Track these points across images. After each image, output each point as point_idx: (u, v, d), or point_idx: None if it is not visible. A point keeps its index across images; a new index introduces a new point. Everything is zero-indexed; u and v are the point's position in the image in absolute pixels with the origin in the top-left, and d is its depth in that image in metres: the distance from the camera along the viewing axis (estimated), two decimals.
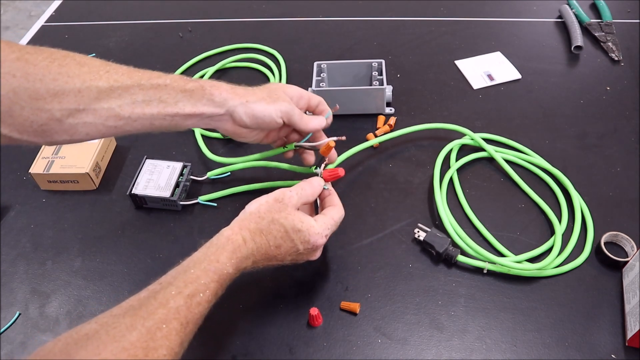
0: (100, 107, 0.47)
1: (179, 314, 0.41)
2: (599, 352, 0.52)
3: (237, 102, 0.52)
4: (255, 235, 0.49)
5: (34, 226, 0.66)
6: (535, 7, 1.04)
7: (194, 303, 0.42)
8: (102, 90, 0.47)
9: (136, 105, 0.49)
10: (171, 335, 0.40)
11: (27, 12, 2.66)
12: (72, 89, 0.45)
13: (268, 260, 0.50)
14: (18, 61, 0.43)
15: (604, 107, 0.80)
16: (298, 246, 0.50)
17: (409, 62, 0.90)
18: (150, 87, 0.49)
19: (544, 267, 0.57)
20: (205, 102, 0.52)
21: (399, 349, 0.53)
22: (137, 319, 0.39)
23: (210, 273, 0.45)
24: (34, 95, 0.44)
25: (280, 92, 0.55)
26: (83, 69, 0.46)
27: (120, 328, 0.38)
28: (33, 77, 0.44)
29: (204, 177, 0.69)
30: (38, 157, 0.69)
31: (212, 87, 0.52)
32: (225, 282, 0.46)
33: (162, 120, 0.51)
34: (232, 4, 1.08)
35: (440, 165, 0.69)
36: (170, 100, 0.50)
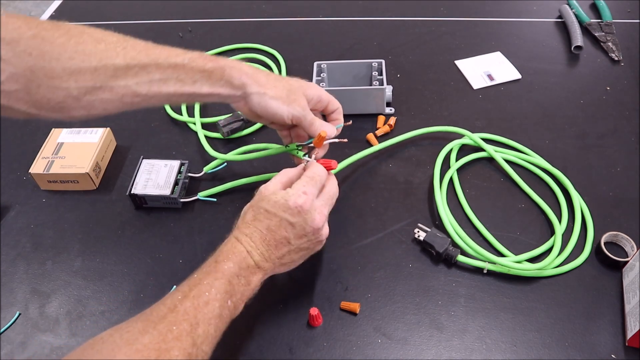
0: (117, 84, 0.47)
1: (187, 315, 0.42)
2: (599, 352, 0.52)
3: (255, 90, 0.52)
4: (246, 230, 0.49)
5: (34, 226, 0.66)
6: (535, 7, 1.04)
7: (201, 303, 0.43)
8: (119, 68, 0.46)
9: (153, 83, 0.48)
10: (182, 336, 0.41)
11: (27, 12, 2.66)
12: (89, 68, 0.45)
13: (276, 248, 0.49)
14: (35, 39, 0.43)
15: (604, 107, 0.80)
16: (286, 218, 0.48)
17: (409, 62, 0.90)
18: (168, 66, 0.49)
19: (544, 267, 0.57)
20: (223, 84, 0.51)
21: (399, 349, 0.53)
22: (149, 323, 0.41)
23: (211, 273, 0.45)
24: (50, 74, 0.44)
25: (300, 94, 0.55)
26: (99, 46, 0.46)
27: (134, 332, 0.40)
28: (49, 55, 0.43)
29: (201, 172, 0.69)
30: (38, 157, 0.69)
31: (231, 68, 0.52)
32: (231, 278, 0.46)
33: (179, 98, 0.51)
34: (232, 4, 1.08)
35: (440, 165, 0.69)
36: (188, 80, 0.50)
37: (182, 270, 0.60)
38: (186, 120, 0.79)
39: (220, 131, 0.75)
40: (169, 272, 0.60)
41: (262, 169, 0.71)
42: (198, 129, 0.76)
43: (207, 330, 0.43)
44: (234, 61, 0.53)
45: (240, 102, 0.54)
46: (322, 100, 0.58)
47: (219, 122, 0.75)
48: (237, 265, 0.47)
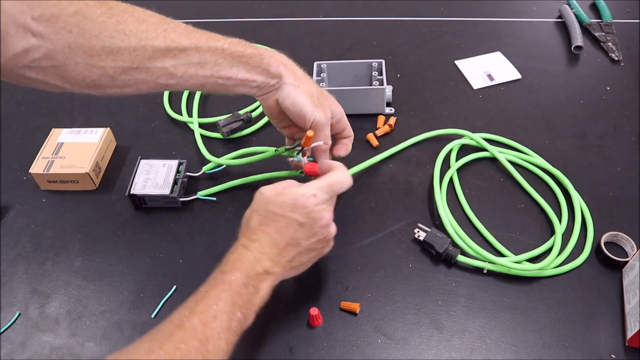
0: (154, 66, 0.46)
1: (195, 331, 0.41)
2: (599, 352, 0.52)
3: (290, 80, 0.52)
4: (253, 236, 0.48)
5: (34, 226, 0.66)
6: (535, 7, 1.04)
7: (209, 318, 0.42)
8: (158, 49, 0.46)
9: (190, 66, 0.48)
10: (191, 353, 0.39)
11: None
12: (128, 47, 0.44)
13: (285, 251, 0.48)
14: (76, 15, 0.42)
15: (604, 107, 0.80)
16: (295, 218, 0.47)
17: (409, 62, 0.90)
18: (208, 49, 0.49)
19: (544, 267, 0.57)
20: (260, 71, 0.51)
21: (399, 349, 0.53)
22: (155, 343, 0.40)
23: (218, 285, 0.44)
24: (89, 52, 0.43)
25: (327, 104, 0.55)
26: (141, 26, 0.45)
27: (139, 353, 0.39)
28: (89, 33, 0.43)
29: (200, 172, 0.69)
30: (38, 157, 0.69)
31: (270, 57, 0.52)
32: (239, 288, 0.44)
33: (214, 83, 0.50)
34: (232, 4, 1.08)
35: (440, 165, 0.69)
36: (226, 64, 0.50)
37: (182, 270, 0.60)
38: (186, 120, 0.79)
39: (220, 131, 0.75)
40: (169, 272, 0.60)
41: (262, 168, 0.71)
42: (195, 128, 0.76)
43: (217, 346, 0.41)
44: (273, 51, 0.53)
45: (271, 93, 0.53)
46: (341, 123, 0.58)
47: (219, 122, 0.75)
48: (244, 275, 0.45)
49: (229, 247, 0.62)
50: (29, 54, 0.41)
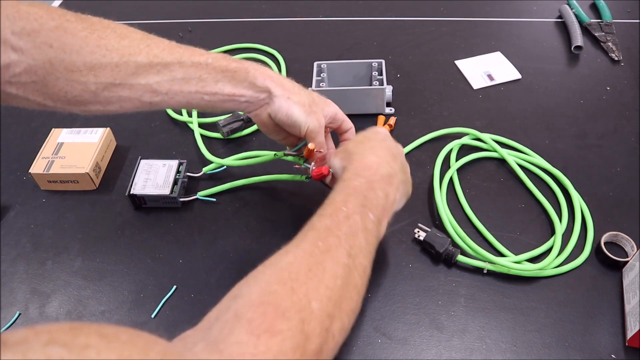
0: (137, 82, 0.46)
1: (330, 230, 0.40)
2: (599, 352, 0.52)
3: (280, 93, 0.52)
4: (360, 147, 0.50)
5: (34, 226, 0.66)
6: (535, 7, 1.04)
7: (341, 218, 0.41)
8: (141, 65, 0.45)
9: (174, 82, 0.48)
10: (331, 249, 0.38)
11: None
12: (110, 63, 0.44)
13: (393, 157, 0.50)
14: (57, 30, 0.42)
15: (604, 107, 0.80)
16: (382, 138, 0.52)
17: (409, 62, 0.90)
18: (191, 64, 0.48)
19: (544, 267, 0.57)
20: (247, 85, 0.51)
21: (399, 349, 0.53)
22: (290, 246, 0.39)
23: (341, 191, 0.44)
24: (70, 67, 0.43)
25: (320, 108, 0.54)
26: (123, 42, 0.45)
27: (275, 257, 0.38)
28: (70, 48, 0.42)
29: (200, 172, 0.69)
30: (38, 157, 0.69)
31: (256, 70, 0.51)
32: (366, 191, 0.44)
33: (200, 100, 0.50)
34: (232, 4, 1.08)
35: (440, 165, 0.69)
36: (211, 80, 0.49)
37: (182, 270, 0.60)
38: (186, 120, 0.79)
39: (220, 131, 0.75)
40: (169, 272, 0.60)
41: (262, 169, 0.71)
42: (195, 128, 0.76)
43: (357, 243, 0.40)
44: (258, 64, 0.52)
45: (262, 108, 0.53)
46: (337, 119, 0.57)
47: (219, 122, 0.75)
48: (369, 179, 0.45)
49: (229, 247, 0.62)
50: (9, 69, 0.41)
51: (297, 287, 0.35)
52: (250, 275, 0.37)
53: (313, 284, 0.36)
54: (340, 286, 0.37)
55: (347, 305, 0.37)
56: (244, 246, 0.62)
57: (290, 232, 0.63)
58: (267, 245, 0.62)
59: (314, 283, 0.36)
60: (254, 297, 0.34)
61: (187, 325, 0.55)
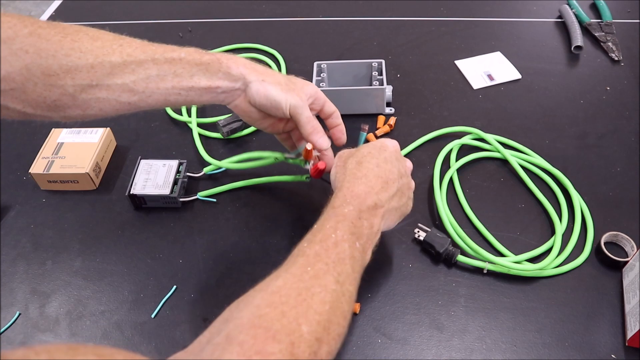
0: (114, 82, 0.46)
1: (319, 256, 0.40)
2: (599, 352, 0.52)
3: (254, 78, 0.52)
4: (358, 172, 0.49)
5: (34, 226, 0.66)
6: (535, 7, 1.04)
7: (330, 245, 0.41)
8: (116, 65, 0.46)
9: (150, 80, 0.48)
10: (319, 274, 0.39)
11: (27, 12, 2.66)
12: (85, 65, 0.45)
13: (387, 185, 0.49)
14: (31, 36, 0.43)
15: (604, 107, 0.80)
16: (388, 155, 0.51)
17: (409, 62, 0.90)
18: (165, 61, 0.48)
19: (544, 267, 0.57)
20: (222, 76, 0.51)
21: (399, 349, 0.53)
22: (280, 271, 0.40)
23: (331, 217, 0.44)
24: (47, 72, 0.43)
25: (299, 85, 0.54)
26: (96, 43, 0.46)
27: (265, 282, 0.39)
28: (46, 53, 0.43)
29: (200, 173, 0.69)
30: (38, 157, 0.69)
31: (229, 60, 0.51)
32: (354, 220, 0.44)
33: (177, 95, 0.50)
34: (232, 4, 1.08)
35: (440, 165, 0.69)
36: (185, 74, 0.49)
37: (182, 271, 0.60)
38: (186, 120, 0.79)
39: (220, 131, 0.75)
40: (169, 272, 0.60)
41: (262, 170, 0.71)
42: (194, 129, 0.76)
43: (344, 270, 0.41)
44: (231, 55, 0.53)
45: (240, 97, 0.53)
46: (319, 99, 0.57)
47: (219, 122, 0.75)
48: (357, 208, 0.45)
49: (229, 247, 0.62)
50: None
51: (287, 310, 0.36)
52: (240, 299, 0.38)
53: (302, 308, 0.36)
54: (328, 311, 0.37)
55: (335, 330, 0.38)
56: (244, 246, 0.62)
57: (290, 232, 0.63)
58: (267, 245, 0.62)
59: (303, 307, 0.36)
60: (245, 320, 0.35)
61: (187, 325, 0.55)
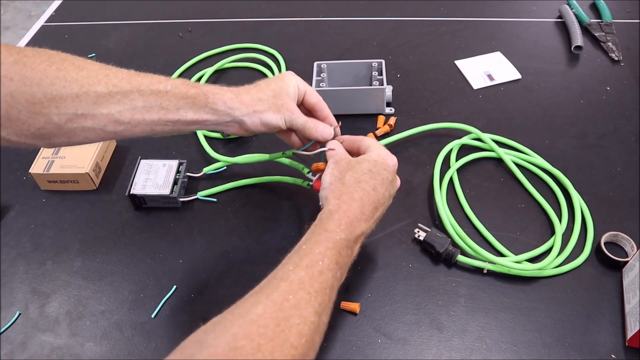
0: (99, 112, 0.46)
1: (303, 284, 0.39)
2: (599, 352, 0.52)
3: (245, 111, 0.52)
4: (355, 194, 0.48)
5: (34, 226, 0.66)
6: (535, 7, 1.04)
7: (315, 272, 0.41)
8: (101, 95, 0.46)
9: (136, 111, 0.48)
10: (300, 304, 0.38)
11: (27, 12, 2.66)
12: (70, 94, 0.45)
13: (377, 208, 0.49)
14: (16, 64, 0.43)
15: (604, 107, 0.80)
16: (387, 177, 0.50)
17: (409, 62, 0.90)
18: (151, 93, 0.48)
19: (544, 267, 0.57)
20: (209, 111, 0.51)
21: (399, 349, 0.53)
22: (260, 295, 0.39)
23: (322, 242, 0.43)
24: (31, 100, 0.43)
25: (284, 97, 0.54)
26: (81, 73, 0.46)
27: (245, 306, 0.38)
28: (30, 80, 0.43)
29: (200, 173, 0.69)
30: (38, 157, 0.69)
31: (215, 95, 0.51)
32: (342, 249, 0.44)
33: (164, 126, 0.50)
34: (232, 4, 1.08)
35: (440, 165, 0.69)
36: (172, 107, 0.49)
37: (182, 270, 0.60)
38: None
39: (220, 131, 0.75)
40: (169, 272, 0.60)
41: (262, 170, 0.71)
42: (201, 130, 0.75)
43: (324, 300, 0.40)
44: (216, 87, 0.52)
45: (232, 127, 0.53)
46: (299, 90, 0.56)
47: None
48: (347, 237, 0.45)
49: (229, 247, 0.62)
50: None
51: (264, 343, 0.35)
52: (216, 322, 0.37)
53: (280, 341, 0.36)
54: (304, 344, 0.37)
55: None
56: (244, 246, 0.62)
57: (290, 232, 0.64)
58: (267, 245, 0.62)
59: (280, 340, 0.36)
60: (220, 350, 0.34)
61: (187, 325, 0.55)
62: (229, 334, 0.35)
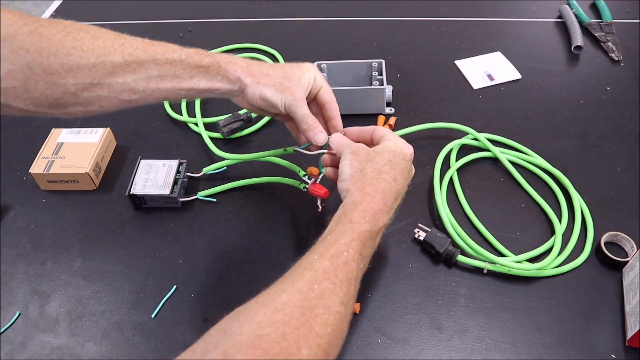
0: (115, 81, 0.47)
1: (328, 274, 0.39)
2: (599, 352, 0.52)
3: (249, 81, 0.53)
4: (378, 185, 0.47)
5: (34, 226, 0.66)
6: (535, 7, 1.04)
7: (340, 263, 0.41)
8: (117, 64, 0.46)
9: (151, 80, 0.48)
10: (325, 294, 0.38)
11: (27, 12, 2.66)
12: (87, 64, 0.45)
13: (396, 199, 0.49)
14: (32, 35, 0.43)
15: (604, 107, 0.80)
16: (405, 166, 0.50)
17: (409, 62, 0.90)
18: (165, 61, 0.49)
19: (544, 267, 0.57)
20: (220, 79, 0.52)
21: (399, 349, 0.53)
22: (285, 283, 0.38)
23: (347, 233, 0.43)
24: (48, 70, 0.43)
25: (295, 81, 0.54)
26: (97, 42, 0.46)
27: (269, 294, 0.38)
28: (47, 51, 0.43)
29: (200, 173, 0.69)
30: (38, 157, 0.69)
31: (227, 63, 0.52)
32: (366, 240, 0.44)
33: (177, 94, 0.51)
34: (232, 4, 1.08)
35: (440, 165, 0.69)
36: (185, 76, 0.50)
37: (182, 270, 0.60)
38: (186, 120, 0.79)
39: (220, 131, 0.75)
40: (169, 272, 0.60)
41: (262, 170, 0.71)
42: (201, 130, 0.75)
43: (349, 290, 0.40)
44: (229, 56, 0.53)
45: (239, 97, 0.54)
46: (316, 86, 0.56)
47: (219, 122, 0.75)
48: (371, 229, 0.45)
49: (229, 247, 0.62)
50: None
51: (289, 332, 0.35)
52: (241, 310, 0.37)
53: (305, 330, 0.35)
54: (330, 334, 0.37)
55: (333, 353, 0.37)
56: (244, 246, 0.62)
57: (290, 232, 0.64)
58: (267, 245, 0.62)
59: (305, 329, 0.35)
60: (245, 338, 0.34)
61: (187, 325, 0.55)
62: (254, 322, 0.35)
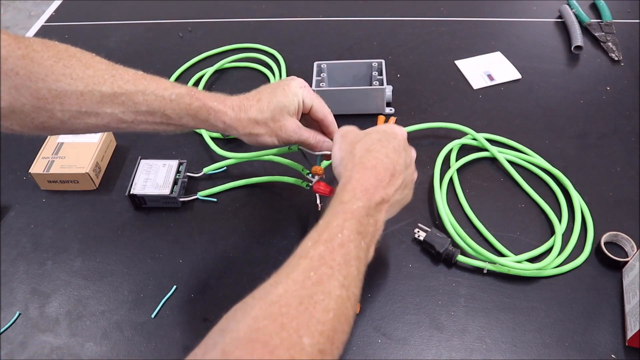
0: (103, 111, 0.47)
1: (324, 259, 0.38)
2: (599, 352, 0.52)
3: (242, 132, 0.53)
4: (367, 162, 0.46)
5: (34, 226, 0.66)
6: (535, 7, 1.04)
7: (335, 245, 0.39)
8: (106, 95, 0.46)
9: (139, 113, 0.48)
10: (323, 280, 0.37)
11: (27, 12, 2.66)
12: (75, 92, 0.45)
13: (393, 177, 0.47)
14: (23, 59, 0.43)
15: (604, 107, 0.80)
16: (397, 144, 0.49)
17: (409, 62, 0.90)
18: (155, 99, 0.48)
19: (544, 267, 0.57)
20: (209, 125, 0.52)
21: (399, 349, 0.53)
22: (280, 275, 0.37)
23: (339, 214, 0.42)
24: (36, 95, 0.44)
25: (284, 117, 0.53)
26: (88, 71, 0.46)
27: (265, 288, 0.37)
28: (36, 76, 0.43)
29: (200, 173, 0.69)
30: (38, 157, 0.69)
31: (216, 113, 0.51)
32: (362, 217, 0.42)
33: (166, 127, 0.51)
34: (232, 4, 1.08)
35: (440, 165, 0.69)
36: (174, 116, 0.50)
37: (182, 270, 0.60)
38: None
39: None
40: (169, 272, 0.60)
41: (262, 169, 0.71)
42: (204, 132, 0.75)
43: (350, 272, 0.39)
44: (220, 103, 0.52)
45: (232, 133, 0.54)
46: (305, 105, 0.55)
47: None
48: (366, 205, 0.43)
49: (229, 247, 0.62)
50: None
51: (287, 322, 0.34)
52: (238, 307, 0.36)
53: (304, 319, 0.34)
54: (332, 319, 0.35)
55: (339, 338, 0.36)
56: (244, 246, 0.62)
57: (290, 232, 0.64)
58: (267, 245, 0.62)
59: (305, 317, 0.34)
60: (242, 334, 0.33)
61: (187, 325, 0.55)
62: (250, 317, 0.34)
